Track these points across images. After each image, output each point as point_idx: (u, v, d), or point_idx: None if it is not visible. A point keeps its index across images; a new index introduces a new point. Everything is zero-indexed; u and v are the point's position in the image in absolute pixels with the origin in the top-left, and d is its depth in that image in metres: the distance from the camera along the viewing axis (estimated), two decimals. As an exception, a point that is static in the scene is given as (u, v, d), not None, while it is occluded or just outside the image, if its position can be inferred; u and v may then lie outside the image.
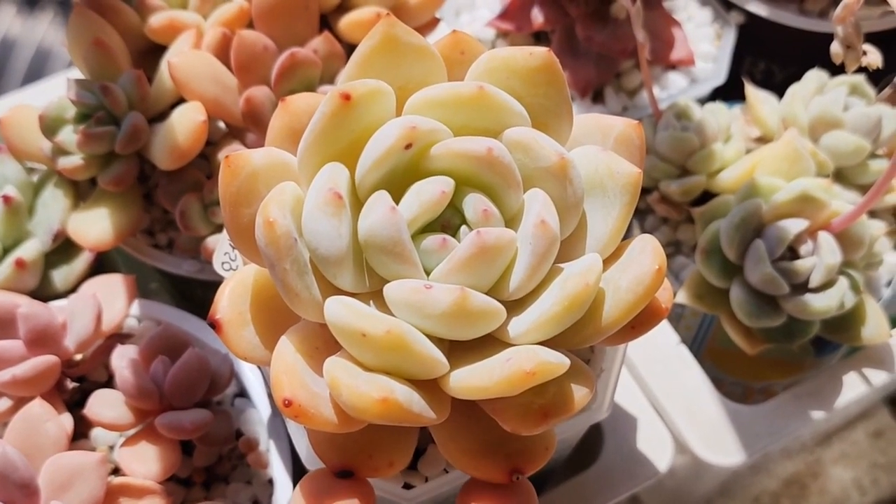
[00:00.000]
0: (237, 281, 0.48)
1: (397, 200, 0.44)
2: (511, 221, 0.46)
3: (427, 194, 0.44)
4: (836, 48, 0.60)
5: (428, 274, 0.44)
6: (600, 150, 0.47)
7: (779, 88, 0.77)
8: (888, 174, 0.59)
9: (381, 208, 0.43)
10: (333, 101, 0.43)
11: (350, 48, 0.68)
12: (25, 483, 0.51)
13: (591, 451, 0.69)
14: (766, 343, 0.67)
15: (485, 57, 0.47)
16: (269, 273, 0.43)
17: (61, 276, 0.71)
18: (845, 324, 0.67)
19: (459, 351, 0.44)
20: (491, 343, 0.44)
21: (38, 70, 1.28)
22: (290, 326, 0.46)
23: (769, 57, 0.93)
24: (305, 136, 0.44)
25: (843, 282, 0.65)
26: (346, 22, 0.71)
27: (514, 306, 0.45)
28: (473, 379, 0.42)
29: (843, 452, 1.03)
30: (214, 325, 0.47)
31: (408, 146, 0.44)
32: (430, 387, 0.43)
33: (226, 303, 0.47)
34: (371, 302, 0.45)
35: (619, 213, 0.46)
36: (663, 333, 0.74)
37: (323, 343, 0.45)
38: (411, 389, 0.42)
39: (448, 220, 0.46)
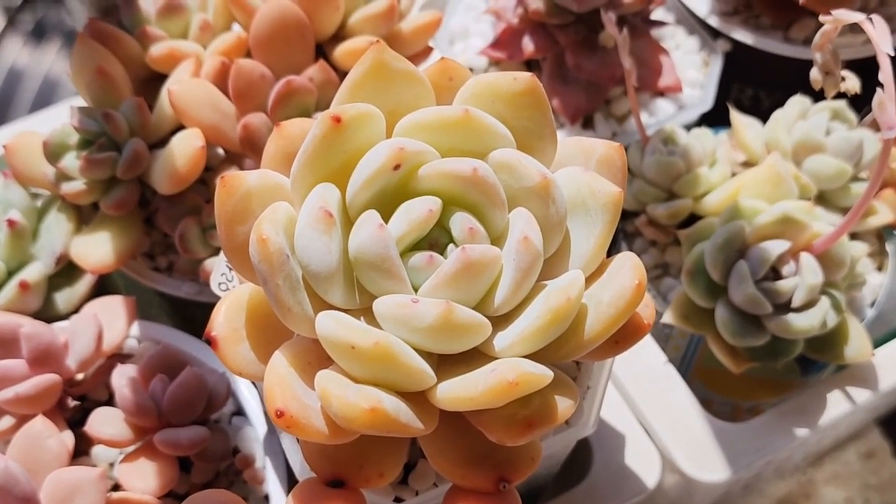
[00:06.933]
0: (233, 299, 0.49)
1: (386, 219, 0.46)
2: (497, 240, 0.47)
3: (415, 213, 0.46)
4: (815, 74, 0.62)
5: (416, 290, 0.46)
6: (582, 170, 0.48)
7: (766, 114, 0.78)
8: (866, 196, 0.61)
9: (371, 226, 0.44)
10: (325, 123, 0.45)
11: (345, 76, 0.69)
12: (27, 497, 0.52)
13: (580, 467, 0.70)
14: (751, 362, 0.68)
15: (471, 82, 0.49)
16: (263, 289, 0.45)
17: (64, 298, 0.72)
18: (828, 343, 0.69)
19: (447, 365, 0.46)
20: (477, 357, 0.46)
21: (45, 100, 1.30)
22: (284, 342, 0.47)
23: (756, 84, 0.95)
24: (298, 157, 0.46)
25: (825, 301, 0.66)
26: (340, 51, 0.73)
27: (500, 321, 0.46)
28: (459, 390, 0.43)
29: (835, 473, 1.04)
30: (210, 342, 0.48)
31: (396, 167, 0.46)
32: (418, 399, 0.44)
33: (222, 320, 0.49)
34: (361, 318, 0.46)
35: (601, 230, 0.47)
36: (650, 353, 0.75)
37: (315, 358, 0.47)
38: (399, 400, 0.43)
39: (436, 239, 0.47)
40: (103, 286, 0.76)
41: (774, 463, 0.80)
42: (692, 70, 0.89)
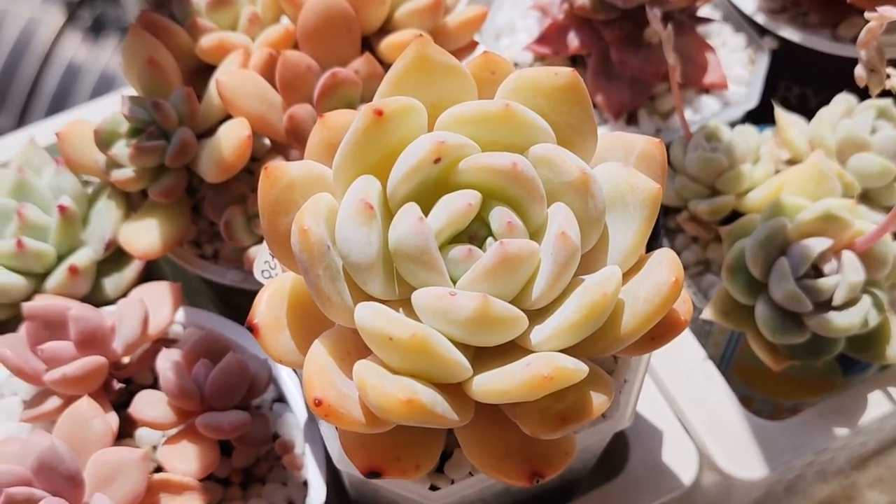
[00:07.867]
0: (275, 288, 0.50)
1: (426, 212, 0.46)
2: (535, 234, 0.48)
3: (454, 206, 0.46)
4: (859, 72, 0.61)
5: (454, 283, 0.46)
6: (622, 166, 0.48)
7: (813, 113, 0.77)
8: (910, 195, 0.60)
9: (410, 219, 0.45)
10: (367, 116, 0.46)
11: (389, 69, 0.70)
12: (71, 475, 0.54)
13: (617, 461, 0.70)
14: (791, 360, 0.68)
15: (513, 76, 0.49)
16: (304, 278, 0.45)
17: (112, 283, 0.74)
18: (870, 342, 0.68)
19: (484, 357, 0.46)
20: (514, 350, 0.46)
21: (101, 95, 1.33)
22: (324, 332, 0.48)
23: (803, 82, 0.94)
24: (340, 149, 0.47)
25: (866, 300, 0.66)
26: (386, 44, 0.73)
27: (537, 315, 0.46)
28: (495, 383, 0.44)
29: (878, 477, 1.03)
30: (252, 329, 0.49)
31: (437, 160, 0.46)
32: (454, 390, 0.45)
33: (264, 308, 0.50)
34: (400, 309, 0.47)
35: (640, 226, 0.47)
36: (690, 349, 0.75)
37: (354, 348, 0.47)
38: (435, 392, 0.44)
39: (475, 232, 0.48)
40: (150, 272, 0.77)
41: (817, 465, 0.80)
42: (738, 67, 0.88)
